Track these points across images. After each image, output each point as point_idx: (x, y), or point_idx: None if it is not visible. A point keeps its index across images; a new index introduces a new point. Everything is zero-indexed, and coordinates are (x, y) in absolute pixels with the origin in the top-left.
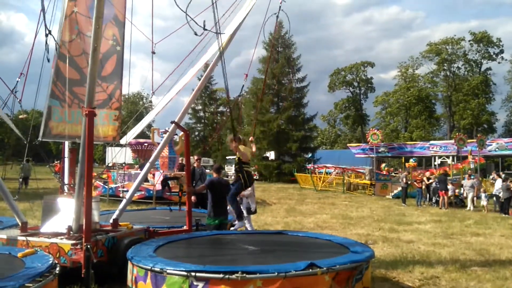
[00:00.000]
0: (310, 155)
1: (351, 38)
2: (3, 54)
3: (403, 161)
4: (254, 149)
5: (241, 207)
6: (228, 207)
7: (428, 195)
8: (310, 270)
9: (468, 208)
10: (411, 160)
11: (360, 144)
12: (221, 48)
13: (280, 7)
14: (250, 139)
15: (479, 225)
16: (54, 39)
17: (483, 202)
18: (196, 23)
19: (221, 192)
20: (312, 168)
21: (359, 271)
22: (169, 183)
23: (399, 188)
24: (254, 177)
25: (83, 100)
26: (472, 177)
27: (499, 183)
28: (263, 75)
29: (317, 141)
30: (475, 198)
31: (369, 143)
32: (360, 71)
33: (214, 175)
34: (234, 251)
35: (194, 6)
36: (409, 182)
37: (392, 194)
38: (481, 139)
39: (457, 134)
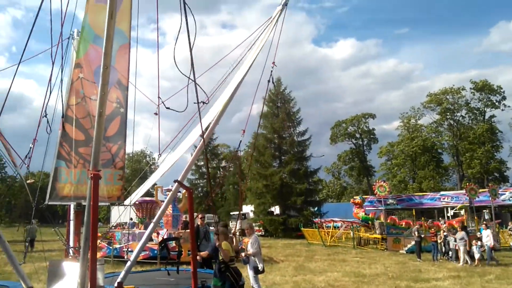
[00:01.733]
0: (316, 208)
1: (350, 91)
2: (12, 119)
3: (413, 213)
4: (235, 244)
5: (248, 267)
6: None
7: (443, 249)
8: None
9: (461, 263)
10: (357, 197)
11: (367, 196)
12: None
13: (271, 72)
14: (232, 231)
15: (501, 280)
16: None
17: (476, 255)
18: None
19: None
20: (319, 222)
21: None
22: (168, 244)
23: (413, 242)
24: (257, 230)
25: (88, 160)
26: (488, 228)
27: (486, 234)
28: (264, 130)
29: (323, 194)
30: (475, 250)
31: (377, 195)
32: (361, 123)
33: None
34: None
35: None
36: (422, 236)
37: (406, 248)
38: (493, 189)
39: (467, 184)
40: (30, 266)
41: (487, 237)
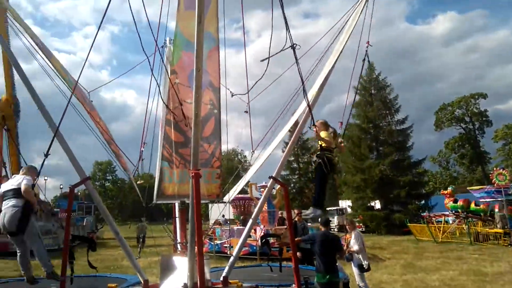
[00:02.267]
0: (423, 202)
1: (455, 69)
2: (118, 127)
3: None
4: (342, 145)
5: (352, 264)
6: (337, 263)
7: None
8: None
9: None
10: (449, 187)
11: (484, 186)
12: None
13: (366, 51)
14: (339, 140)
15: None
16: None
17: None
18: None
19: (329, 247)
20: (427, 217)
21: None
22: (269, 240)
23: None
24: (357, 226)
25: (188, 160)
26: None
27: None
28: (358, 120)
29: (429, 186)
30: None
31: (495, 184)
32: (470, 104)
33: (322, 228)
34: None
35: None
36: None
37: None
38: None
39: None
40: (143, 260)
41: None
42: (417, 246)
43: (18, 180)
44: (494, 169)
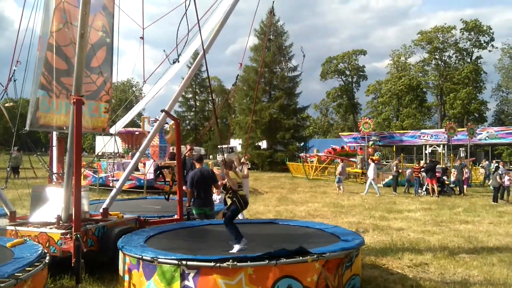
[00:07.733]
0: (302, 144)
1: (347, 26)
2: None
3: (394, 149)
4: (246, 171)
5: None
6: (214, 196)
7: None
8: (301, 257)
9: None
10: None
11: (352, 133)
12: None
13: (273, 2)
14: (242, 160)
15: (468, 212)
16: None
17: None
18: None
19: (204, 183)
20: (304, 157)
21: (349, 258)
22: (163, 171)
23: (390, 177)
24: (248, 167)
25: (71, 91)
26: (462, 164)
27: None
28: (255, 63)
29: (309, 130)
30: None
31: (361, 132)
32: (352, 60)
33: (197, 165)
34: (226, 240)
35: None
36: (400, 171)
37: (383, 182)
38: (471, 128)
39: (447, 123)
40: (13, 192)
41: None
42: (292, 182)
43: None
44: (362, 118)
